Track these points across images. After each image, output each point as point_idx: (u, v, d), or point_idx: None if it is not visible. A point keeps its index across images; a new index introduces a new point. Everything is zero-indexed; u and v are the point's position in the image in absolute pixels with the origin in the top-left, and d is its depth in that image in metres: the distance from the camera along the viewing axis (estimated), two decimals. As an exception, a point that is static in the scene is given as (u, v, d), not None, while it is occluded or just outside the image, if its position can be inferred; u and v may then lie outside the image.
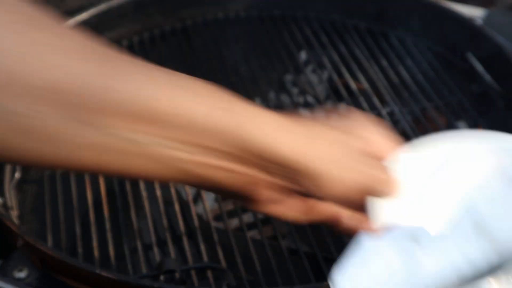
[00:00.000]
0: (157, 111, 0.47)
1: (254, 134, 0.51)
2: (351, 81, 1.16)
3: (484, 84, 1.15)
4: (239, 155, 0.51)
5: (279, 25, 1.28)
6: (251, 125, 0.51)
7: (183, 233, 0.88)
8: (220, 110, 0.51)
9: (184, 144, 0.49)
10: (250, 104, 0.53)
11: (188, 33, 1.25)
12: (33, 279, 0.79)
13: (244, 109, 0.52)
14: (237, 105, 0.52)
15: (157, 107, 0.47)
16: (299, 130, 0.54)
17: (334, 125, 0.57)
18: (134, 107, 0.47)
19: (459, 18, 1.20)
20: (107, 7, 1.20)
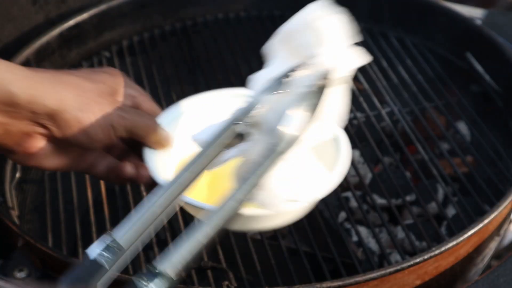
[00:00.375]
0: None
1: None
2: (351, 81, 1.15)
3: (484, 84, 1.15)
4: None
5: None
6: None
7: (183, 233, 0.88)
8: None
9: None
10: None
11: (188, 33, 1.25)
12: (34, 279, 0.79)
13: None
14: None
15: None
16: (42, 77, 0.64)
17: (91, 77, 0.69)
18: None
19: (459, 18, 1.20)
20: (107, 7, 1.20)
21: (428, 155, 1.02)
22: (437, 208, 1.01)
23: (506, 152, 1.03)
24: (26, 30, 1.16)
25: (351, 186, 0.97)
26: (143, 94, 0.75)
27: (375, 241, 1.00)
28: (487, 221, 0.83)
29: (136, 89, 0.74)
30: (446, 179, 0.99)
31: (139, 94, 0.74)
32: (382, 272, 0.75)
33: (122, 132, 0.69)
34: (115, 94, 0.71)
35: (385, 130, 1.14)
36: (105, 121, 0.67)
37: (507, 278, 0.77)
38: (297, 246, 0.86)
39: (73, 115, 0.65)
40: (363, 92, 1.15)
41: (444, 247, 0.79)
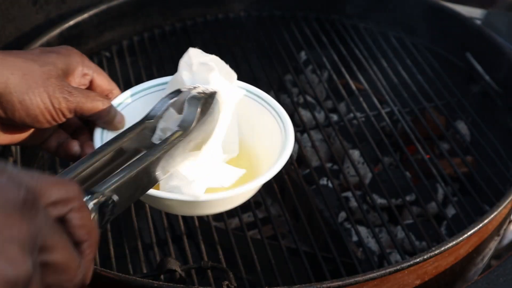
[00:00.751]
0: None
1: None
2: (351, 81, 1.16)
3: (483, 84, 1.15)
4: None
5: (279, 25, 1.29)
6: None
7: (183, 233, 0.88)
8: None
9: None
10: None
11: (188, 33, 1.25)
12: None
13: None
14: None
15: None
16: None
17: (41, 59, 0.69)
18: None
19: (458, 18, 1.20)
20: (107, 7, 1.20)
21: (428, 155, 1.02)
22: (437, 208, 1.01)
23: (506, 152, 1.03)
24: (27, 30, 1.16)
25: (351, 186, 0.97)
26: (98, 71, 0.75)
27: (375, 241, 1.00)
28: (487, 221, 0.83)
29: (90, 67, 0.74)
30: (446, 179, 0.99)
31: (93, 71, 0.75)
32: (382, 272, 0.75)
33: (67, 114, 0.70)
34: (66, 75, 0.72)
35: (385, 130, 1.14)
36: (48, 103, 0.68)
37: (506, 277, 0.77)
38: (297, 246, 0.86)
39: (16, 97, 0.67)
40: (363, 92, 1.15)
41: (444, 247, 0.79)
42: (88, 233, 0.48)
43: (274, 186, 0.95)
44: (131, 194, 0.59)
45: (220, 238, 0.87)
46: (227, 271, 0.77)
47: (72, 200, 0.47)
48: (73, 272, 0.45)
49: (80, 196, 0.48)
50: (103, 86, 0.75)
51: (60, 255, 0.44)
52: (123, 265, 0.85)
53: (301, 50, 1.29)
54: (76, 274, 0.46)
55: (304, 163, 1.12)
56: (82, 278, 0.47)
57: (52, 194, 0.46)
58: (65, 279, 0.45)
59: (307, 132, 1.06)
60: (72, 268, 0.45)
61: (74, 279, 0.46)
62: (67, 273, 0.45)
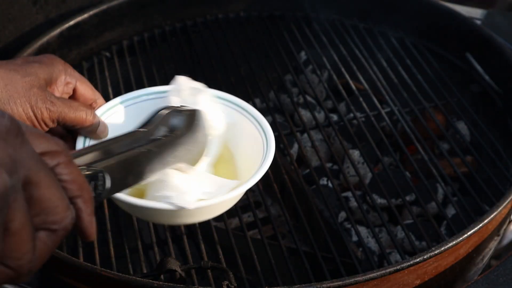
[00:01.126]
0: None
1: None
2: (351, 81, 1.16)
3: (484, 84, 1.15)
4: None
5: (279, 25, 1.29)
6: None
7: (183, 233, 0.88)
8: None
9: None
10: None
11: (188, 33, 1.25)
12: (34, 279, 0.79)
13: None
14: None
15: None
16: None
17: (23, 69, 0.70)
18: None
19: (458, 18, 1.20)
20: (107, 7, 1.20)
21: (428, 155, 1.02)
22: (437, 208, 1.01)
23: (506, 152, 1.03)
24: (27, 30, 1.16)
25: (351, 186, 0.97)
26: (81, 80, 0.76)
27: (375, 241, 1.00)
28: (487, 221, 0.83)
29: (74, 76, 0.75)
30: (446, 179, 0.99)
31: (76, 80, 0.75)
32: (382, 272, 0.75)
33: (50, 123, 0.70)
34: (49, 84, 0.72)
35: (385, 130, 1.14)
36: (30, 113, 0.69)
37: (506, 277, 0.77)
38: (297, 246, 0.86)
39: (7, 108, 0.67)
40: (363, 92, 1.15)
41: (444, 247, 0.79)
42: (80, 188, 0.46)
43: (274, 186, 0.95)
44: (122, 177, 0.59)
45: (220, 238, 0.87)
46: (227, 271, 0.77)
47: (58, 154, 0.45)
48: (60, 213, 0.44)
49: (67, 152, 0.46)
50: (86, 95, 0.76)
51: (45, 191, 0.43)
52: (123, 265, 0.85)
53: (301, 50, 1.29)
54: (65, 216, 0.44)
55: (304, 163, 1.12)
56: (71, 222, 0.45)
57: (39, 144, 0.44)
58: (52, 220, 0.43)
59: (307, 132, 1.06)
60: (59, 208, 0.44)
61: (62, 221, 0.44)
62: (54, 213, 0.43)
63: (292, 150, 1.14)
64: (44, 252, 0.43)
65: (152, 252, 0.87)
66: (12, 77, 0.69)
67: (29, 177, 0.42)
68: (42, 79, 0.71)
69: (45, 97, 0.70)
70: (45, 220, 0.43)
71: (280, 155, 1.05)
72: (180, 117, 0.70)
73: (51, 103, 0.70)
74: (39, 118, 0.69)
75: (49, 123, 0.70)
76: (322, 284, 0.73)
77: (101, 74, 1.17)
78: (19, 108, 0.68)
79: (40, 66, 0.72)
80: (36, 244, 0.43)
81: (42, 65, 0.72)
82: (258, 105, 1.28)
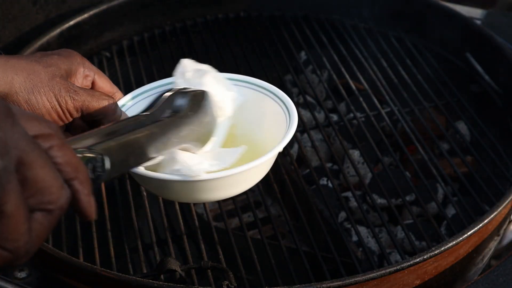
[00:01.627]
0: None
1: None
2: (351, 81, 1.16)
3: (484, 84, 1.15)
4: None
5: (279, 25, 1.29)
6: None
7: (183, 233, 0.88)
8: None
9: None
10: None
11: (188, 33, 1.25)
12: (34, 279, 0.79)
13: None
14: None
15: None
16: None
17: (44, 61, 0.69)
18: None
19: (458, 18, 1.20)
20: (107, 7, 1.20)
21: (428, 155, 1.02)
22: (437, 208, 1.01)
23: (506, 152, 1.03)
24: (27, 30, 1.16)
25: (351, 186, 0.97)
26: (99, 74, 0.76)
27: (375, 241, 1.00)
28: (487, 221, 0.83)
29: (92, 69, 0.75)
30: (446, 179, 0.99)
31: (94, 73, 0.75)
32: (382, 272, 0.75)
33: (74, 113, 0.70)
34: (69, 76, 0.72)
35: (385, 130, 1.14)
36: (54, 102, 0.68)
37: (506, 277, 0.77)
38: (297, 246, 0.86)
39: (22, 97, 0.67)
40: (363, 92, 1.15)
41: (443, 247, 0.79)
42: (75, 170, 0.46)
43: (274, 186, 0.95)
44: (123, 159, 0.59)
45: (220, 238, 0.87)
46: (227, 271, 0.77)
47: (51, 136, 0.45)
48: (55, 192, 0.43)
49: (60, 134, 0.46)
50: (105, 88, 0.75)
51: (39, 171, 0.42)
52: (123, 265, 0.85)
53: (301, 50, 1.29)
54: (60, 196, 0.44)
55: (304, 163, 1.12)
56: (67, 202, 0.44)
57: (31, 127, 0.44)
58: (47, 200, 0.43)
59: (307, 132, 1.06)
60: (53, 187, 0.43)
61: (57, 201, 0.43)
62: (48, 192, 0.43)
63: (292, 150, 1.14)
64: (41, 233, 0.43)
65: (152, 252, 0.87)
66: (34, 67, 0.69)
67: (22, 158, 0.41)
68: (63, 69, 0.71)
69: (68, 86, 0.69)
70: (40, 201, 0.43)
71: (280, 155, 1.05)
72: (184, 98, 0.70)
73: (75, 91, 0.69)
74: (63, 107, 0.69)
75: (73, 113, 0.70)
76: (322, 284, 0.73)
77: (101, 74, 1.17)
78: (43, 97, 0.68)
79: (59, 58, 0.72)
80: (32, 225, 0.43)
81: (61, 57, 0.72)
82: (258, 105, 1.28)
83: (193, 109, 0.70)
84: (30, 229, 0.42)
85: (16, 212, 0.41)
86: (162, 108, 0.69)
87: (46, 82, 0.68)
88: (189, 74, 0.75)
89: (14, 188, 0.41)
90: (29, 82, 0.67)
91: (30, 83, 0.67)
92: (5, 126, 0.41)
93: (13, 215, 0.41)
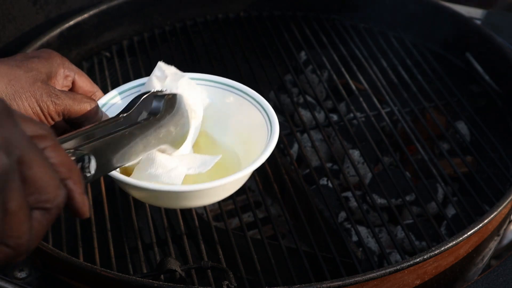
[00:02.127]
0: None
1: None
2: (351, 81, 1.16)
3: (484, 84, 1.15)
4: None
5: (279, 25, 1.29)
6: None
7: (183, 233, 0.88)
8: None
9: None
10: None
11: (188, 33, 1.25)
12: (34, 279, 0.79)
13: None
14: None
15: None
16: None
17: (25, 65, 0.70)
18: None
19: (458, 18, 1.20)
20: (107, 7, 1.20)
21: (428, 155, 1.02)
22: (437, 208, 1.01)
23: (506, 152, 1.03)
24: (27, 30, 1.16)
25: (351, 186, 0.97)
26: (79, 73, 0.76)
27: (375, 241, 1.00)
28: (487, 221, 0.83)
29: (72, 69, 0.76)
30: (446, 179, 0.99)
31: (74, 73, 0.76)
32: (382, 271, 0.75)
33: (56, 117, 0.71)
34: (50, 78, 0.73)
35: (385, 130, 1.14)
36: (36, 107, 0.69)
37: (506, 277, 0.77)
38: (297, 246, 0.86)
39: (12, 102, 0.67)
40: (363, 92, 1.15)
41: (443, 247, 0.79)
42: (69, 170, 0.47)
43: (274, 186, 0.95)
44: (107, 159, 0.62)
45: (220, 238, 0.87)
46: (227, 271, 0.77)
47: (45, 137, 0.46)
48: (53, 191, 0.44)
49: (53, 135, 0.47)
50: (85, 88, 0.76)
51: (37, 171, 0.43)
52: (123, 265, 0.85)
53: (301, 50, 1.29)
54: (57, 195, 0.45)
55: (304, 163, 1.12)
56: (63, 201, 0.46)
57: (27, 128, 0.44)
58: (45, 199, 0.44)
59: (307, 132, 1.06)
60: (50, 187, 0.44)
61: (55, 199, 0.45)
62: (46, 191, 0.44)
63: (292, 150, 1.14)
64: (39, 231, 0.44)
65: (152, 252, 0.87)
66: (15, 72, 0.69)
67: (22, 157, 0.42)
68: (44, 73, 0.72)
69: (50, 91, 0.70)
70: (39, 199, 0.44)
71: (280, 155, 1.05)
72: (159, 101, 0.72)
73: (56, 96, 0.70)
74: (45, 112, 0.69)
75: (55, 117, 0.70)
76: (322, 284, 0.73)
77: (101, 74, 1.17)
78: (25, 103, 0.68)
79: (40, 61, 0.73)
80: (32, 223, 0.43)
81: (41, 60, 0.73)
82: (258, 105, 1.28)
83: (168, 111, 0.72)
84: (31, 227, 0.43)
85: (19, 210, 0.42)
86: (138, 110, 0.71)
87: (28, 88, 0.69)
88: (167, 77, 0.79)
89: (17, 187, 0.42)
90: (11, 88, 0.68)
91: (11, 89, 0.68)
92: (8, 126, 0.42)
93: (16, 212, 0.42)
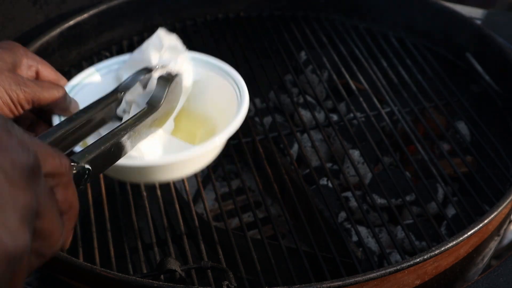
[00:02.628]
0: None
1: None
2: (351, 81, 1.16)
3: (484, 84, 1.15)
4: None
5: (279, 25, 1.29)
6: None
7: (183, 233, 0.88)
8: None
9: None
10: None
11: (188, 33, 1.25)
12: (34, 279, 0.79)
13: None
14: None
15: None
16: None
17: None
18: None
19: (458, 18, 1.20)
20: (107, 7, 1.20)
21: (428, 155, 1.02)
22: (437, 208, 1.01)
23: (506, 152, 1.03)
24: (27, 30, 1.16)
25: (351, 186, 0.97)
26: (42, 63, 0.77)
27: (375, 241, 1.00)
28: (487, 221, 0.83)
29: (35, 59, 0.76)
30: (446, 179, 0.99)
31: (37, 63, 0.76)
32: (382, 272, 0.75)
33: (25, 105, 0.71)
34: (15, 68, 0.73)
35: (385, 130, 1.14)
36: (5, 96, 0.69)
37: (507, 277, 0.77)
38: (297, 246, 0.86)
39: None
40: (363, 92, 1.15)
41: (444, 247, 0.79)
42: (70, 207, 0.49)
43: (274, 186, 0.95)
44: (103, 165, 0.64)
45: (220, 238, 0.87)
46: (227, 271, 0.77)
47: (62, 174, 0.47)
48: (55, 239, 0.46)
49: (70, 172, 0.49)
50: (49, 77, 0.77)
51: (48, 222, 0.45)
52: (123, 265, 0.85)
53: (301, 50, 1.29)
54: (58, 242, 0.46)
55: (304, 163, 1.12)
56: (61, 245, 0.48)
57: (48, 165, 0.46)
58: (47, 245, 0.45)
59: (307, 132, 1.06)
60: (55, 235, 0.46)
61: (55, 246, 0.46)
62: (50, 239, 0.45)
63: (292, 150, 1.14)
64: (29, 271, 0.45)
65: (152, 252, 0.87)
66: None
67: (38, 210, 0.44)
68: (9, 63, 0.72)
69: (18, 80, 0.70)
70: (41, 245, 0.45)
71: (280, 155, 1.05)
72: (163, 87, 0.73)
73: (25, 84, 0.70)
74: (15, 101, 0.69)
75: (24, 105, 0.71)
76: (322, 284, 0.73)
77: (101, 74, 1.17)
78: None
79: (4, 51, 0.73)
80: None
81: (5, 50, 0.73)
82: (258, 105, 1.28)
83: (168, 100, 0.73)
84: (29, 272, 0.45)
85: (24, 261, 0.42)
86: (134, 89, 0.73)
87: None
88: (165, 48, 0.78)
89: (29, 249, 0.43)
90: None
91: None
92: (35, 187, 0.43)
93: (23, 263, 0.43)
